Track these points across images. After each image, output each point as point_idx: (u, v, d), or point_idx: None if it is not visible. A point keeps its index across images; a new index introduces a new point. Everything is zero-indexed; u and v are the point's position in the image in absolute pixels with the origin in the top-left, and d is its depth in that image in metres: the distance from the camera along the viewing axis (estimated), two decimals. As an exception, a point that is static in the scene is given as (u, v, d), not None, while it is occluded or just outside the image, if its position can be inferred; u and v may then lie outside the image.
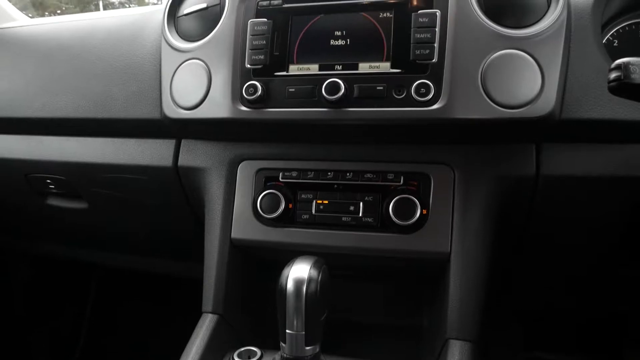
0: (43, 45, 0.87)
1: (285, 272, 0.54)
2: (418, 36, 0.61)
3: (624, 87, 0.47)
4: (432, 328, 0.71)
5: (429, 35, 0.61)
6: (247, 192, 0.71)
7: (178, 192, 0.79)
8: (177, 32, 0.73)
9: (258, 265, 0.76)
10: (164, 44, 0.73)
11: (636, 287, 0.81)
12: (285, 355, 0.54)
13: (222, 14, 0.69)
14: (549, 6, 0.61)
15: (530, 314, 1.07)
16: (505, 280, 0.85)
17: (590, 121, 0.61)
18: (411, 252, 0.66)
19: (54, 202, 0.94)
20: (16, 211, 1.04)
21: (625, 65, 0.47)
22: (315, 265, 0.54)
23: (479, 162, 0.65)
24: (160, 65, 0.74)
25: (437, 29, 0.61)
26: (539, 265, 0.82)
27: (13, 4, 1.06)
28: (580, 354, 1.19)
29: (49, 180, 0.89)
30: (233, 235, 0.71)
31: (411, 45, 0.61)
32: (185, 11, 0.72)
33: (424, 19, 0.61)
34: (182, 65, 0.70)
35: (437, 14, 0.61)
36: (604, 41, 0.70)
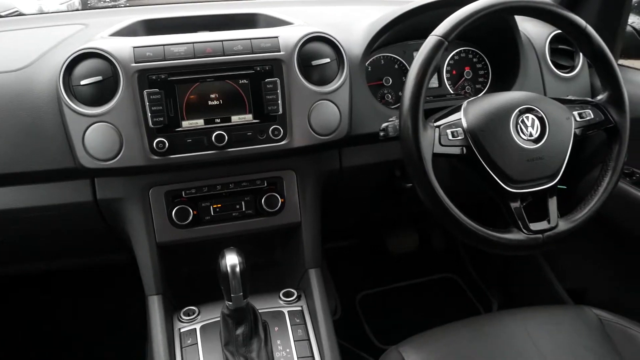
0: None
1: (222, 262, 0.86)
2: (267, 97, 0.95)
3: (386, 138, 0.93)
4: (291, 264, 1.15)
5: (274, 96, 0.95)
6: (162, 209, 1.00)
7: (97, 218, 1.02)
8: (75, 98, 0.90)
9: (180, 254, 1.07)
10: (67, 109, 0.88)
11: (390, 208, 1.39)
12: (231, 308, 0.90)
13: (119, 84, 0.88)
14: (338, 70, 1.02)
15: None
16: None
17: (365, 134, 1.06)
18: (278, 225, 1.06)
19: None
20: None
21: (385, 128, 0.93)
22: (238, 253, 0.90)
23: (309, 165, 1.06)
24: (63, 124, 0.90)
25: (279, 91, 0.95)
26: (344, 209, 1.33)
27: None
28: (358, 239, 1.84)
29: None
30: (158, 240, 1.00)
31: (264, 103, 0.96)
32: (82, 82, 0.88)
33: (270, 85, 0.95)
34: (91, 127, 0.88)
35: (278, 81, 0.96)
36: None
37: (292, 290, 1.06)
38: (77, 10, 1.67)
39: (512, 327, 1.01)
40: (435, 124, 0.88)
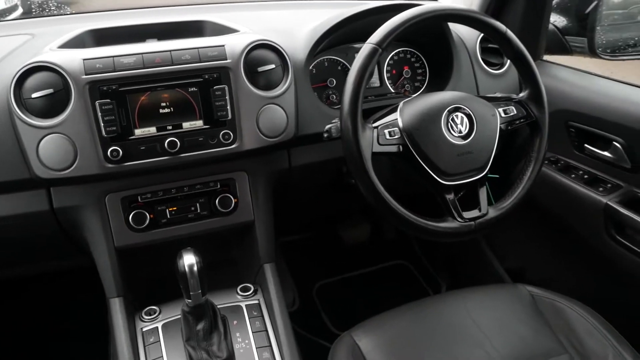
0: None
1: (180, 262, 0.91)
2: (217, 103, 1.00)
3: (330, 139, 1.00)
4: (247, 260, 1.20)
5: (223, 102, 1.00)
6: (118, 214, 1.03)
7: (55, 226, 1.04)
8: (27, 111, 0.91)
9: (138, 256, 1.11)
10: (19, 122, 0.90)
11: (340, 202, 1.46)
12: (191, 305, 0.95)
13: (70, 96, 0.91)
14: (283, 75, 1.07)
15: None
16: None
17: (311, 134, 1.12)
18: (232, 224, 1.11)
19: None
20: None
21: (328, 130, 0.99)
22: (195, 253, 0.94)
23: (260, 166, 1.11)
24: (16, 136, 0.92)
25: (227, 98, 1.00)
26: (296, 206, 1.40)
27: None
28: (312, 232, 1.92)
29: None
30: (116, 244, 1.04)
31: (213, 109, 1.00)
32: (34, 95, 0.90)
33: (218, 92, 0.99)
34: (45, 138, 0.90)
35: (226, 87, 1.01)
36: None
37: (249, 285, 1.12)
38: (16, 4, 1.65)
39: (454, 306, 1.10)
40: (374, 124, 0.96)
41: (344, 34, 1.20)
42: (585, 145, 1.27)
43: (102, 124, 0.94)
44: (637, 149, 1.14)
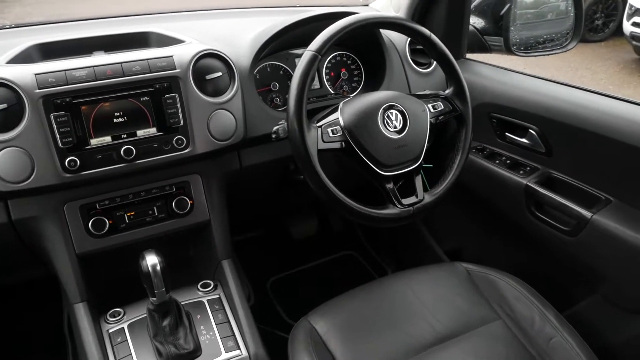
0: None
1: (143, 262, 0.96)
2: (169, 111, 1.05)
3: (278, 139, 1.08)
4: (205, 258, 1.26)
5: (175, 110, 1.06)
6: (78, 222, 1.06)
7: (13, 238, 1.06)
8: None
9: (100, 261, 1.14)
10: None
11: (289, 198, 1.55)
12: (156, 303, 1.00)
13: (24, 110, 0.93)
14: (230, 82, 1.14)
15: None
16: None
17: (259, 136, 1.20)
18: (189, 225, 1.17)
19: None
20: None
21: (276, 131, 1.07)
22: (156, 254, 1.00)
23: (212, 168, 1.18)
24: None
25: (178, 105, 1.06)
26: (249, 203, 1.46)
27: None
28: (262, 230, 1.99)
29: None
30: (77, 251, 1.07)
31: (166, 116, 1.06)
32: None
33: (170, 100, 1.05)
34: (0, 152, 0.92)
35: (177, 96, 1.06)
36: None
37: (209, 281, 1.18)
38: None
39: (399, 286, 1.21)
40: (318, 124, 1.05)
41: (285, 41, 1.29)
42: (506, 133, 1.42)
43: (58, 136, 0.97)
44: (549, 135, 1.29)
